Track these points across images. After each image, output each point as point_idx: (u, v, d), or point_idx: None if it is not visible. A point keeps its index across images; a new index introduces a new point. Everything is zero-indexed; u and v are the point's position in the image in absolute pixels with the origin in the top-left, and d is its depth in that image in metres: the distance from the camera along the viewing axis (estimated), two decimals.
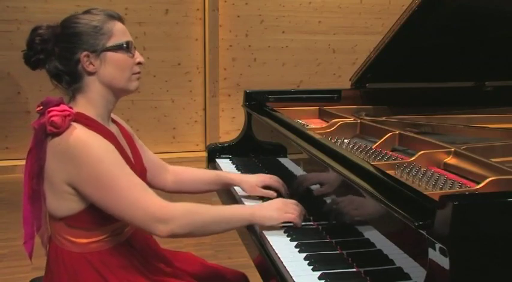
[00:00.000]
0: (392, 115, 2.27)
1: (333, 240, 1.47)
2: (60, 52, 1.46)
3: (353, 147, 1.83)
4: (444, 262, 1.00)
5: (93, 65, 1.46)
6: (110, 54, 1.47)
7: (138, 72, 1.53)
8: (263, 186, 1.78)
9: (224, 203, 1.97)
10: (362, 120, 2.11)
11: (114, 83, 1.49)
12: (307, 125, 2.20)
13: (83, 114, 1.45)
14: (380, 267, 1.27)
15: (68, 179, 1.39)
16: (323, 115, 2.37)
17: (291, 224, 1.53)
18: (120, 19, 1.52)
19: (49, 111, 1.40)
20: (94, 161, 1.36)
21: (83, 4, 5.00)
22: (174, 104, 5.56)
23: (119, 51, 1.48)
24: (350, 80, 2.45)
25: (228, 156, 2.34)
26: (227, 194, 1.93)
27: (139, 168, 1.59)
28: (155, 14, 5.32)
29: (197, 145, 5.70)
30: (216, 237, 3.55)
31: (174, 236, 1.39)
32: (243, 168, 2.19)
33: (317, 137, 1.75)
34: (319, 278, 1.26)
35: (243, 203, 1.72)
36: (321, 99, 2.45)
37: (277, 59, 5.73)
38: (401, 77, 2.40)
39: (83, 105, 1.48)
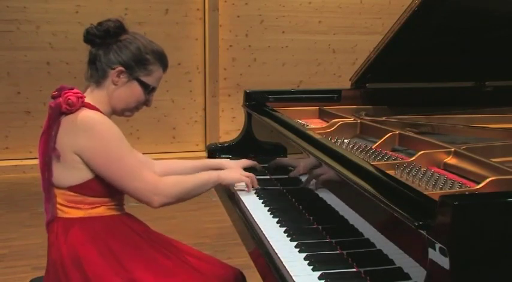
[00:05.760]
0: (392, 115, 2.27)
1: (333, 240, 1.47)
2: (109, 50, 1.66)
3: (353, 147, 1.83)
4: (444, 262, 1.00)
5: (119, 79, 1.66)
6: (136, 84, 1.68)
7: (138, 110, 1.76)
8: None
9: (223, 199, 1.99)
10: (362, 120, 2.11)
11: (117, 102, 1.69)
12: (307, 125, 2.20)
13: (91, 104, 1.63)
14: (380, 267, 1.27)
15: (78, 149, 1.57)
16: (323, 115, 2.37)
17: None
18: (165, 70, 1.75)
19: (65, 93, 1.59)
20: (106, 137, 1.58)
21: (83, 4, 5.00)
22: (174, 104, 5.56)
23: (142, 88, 1.69)
24: (350, 80, 2.45)
25: (228, 156, 2.34)
26: (226, 192, 1.96)
27: None
28: (155, 14, 5.32)
29: (197, 145, 5.70)
30: (216, 237, 3.55)
31: (165, 205, 1.64)
32: None
33: (317, 137, 1.75)
34: (319, 278, 1.25)
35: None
36: (321, 99, 2.45)
37: (277, 59, 5.73)
38: (401, 77, 2.40)
39: (94, 98, 1.66)
